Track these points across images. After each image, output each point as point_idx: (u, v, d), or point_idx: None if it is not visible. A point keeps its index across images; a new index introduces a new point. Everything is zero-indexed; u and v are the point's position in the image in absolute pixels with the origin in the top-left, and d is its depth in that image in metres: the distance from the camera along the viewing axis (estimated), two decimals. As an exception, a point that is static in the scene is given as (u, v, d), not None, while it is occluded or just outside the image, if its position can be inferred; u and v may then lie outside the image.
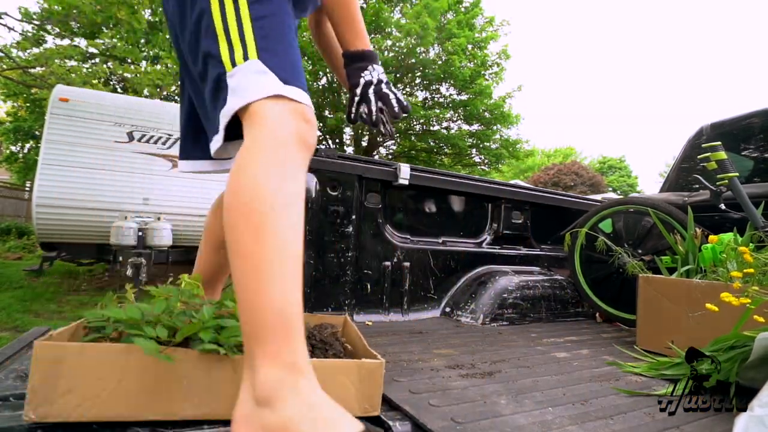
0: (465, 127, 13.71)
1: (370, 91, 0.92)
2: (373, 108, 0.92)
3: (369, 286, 1.83)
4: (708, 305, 1.12)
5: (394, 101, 0.92)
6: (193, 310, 0.80)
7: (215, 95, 0.74)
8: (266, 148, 0.65)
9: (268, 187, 0.63)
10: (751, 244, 1.22)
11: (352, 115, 0.95)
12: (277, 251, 0.61)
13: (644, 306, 1.42)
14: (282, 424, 0.53)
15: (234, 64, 0.71)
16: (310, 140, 0.72)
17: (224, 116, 0.72)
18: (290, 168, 0.66)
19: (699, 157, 1.91)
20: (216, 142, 0.76)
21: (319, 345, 0.86)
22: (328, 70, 12.57)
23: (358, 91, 0.93)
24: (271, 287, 0.59)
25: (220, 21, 0.73)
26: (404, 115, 0.93)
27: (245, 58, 0.71)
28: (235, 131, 0.74)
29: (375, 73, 0.92)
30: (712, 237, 1.24)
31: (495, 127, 13.42)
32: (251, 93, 0.69)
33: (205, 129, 0.85)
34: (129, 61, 10.46)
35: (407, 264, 1.91)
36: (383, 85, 0.93)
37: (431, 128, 13.68)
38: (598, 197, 3.59)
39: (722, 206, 1.74)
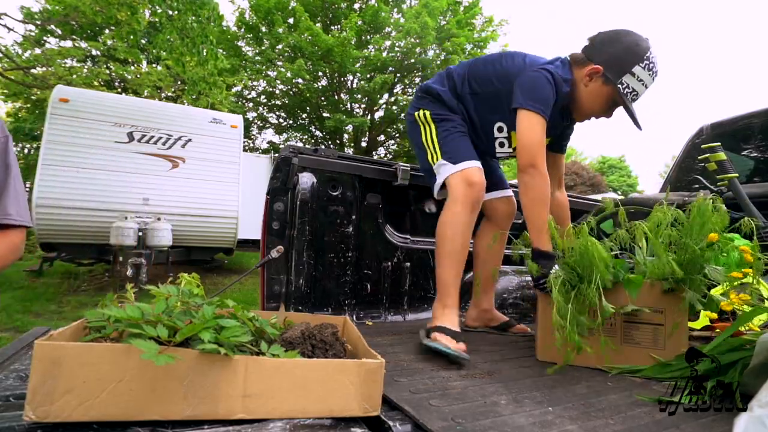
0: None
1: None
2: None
3: (369, 286, 1.83)
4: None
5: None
6: (193, 310, 0.80)
7: (432, 173, 1.56)
8: (450, 204, 1.43)
9: (448, 228, 1.41)
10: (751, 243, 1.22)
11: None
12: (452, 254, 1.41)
13: (542, 317, 1.28)
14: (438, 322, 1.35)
15: (434, 163, 1.53)
16: (472, 195, 1.42)
17: (437, 184, 1.53)
18: (459, 215, 1.40)
19: (699, 157, 1.91)
20: (436, 191, 1.56)
21: (320, 345, 0.86)
22: (327, 72, 12.59)
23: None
24: (446, 272, 1.40)
25: (424, 139, 1.57)
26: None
27: (437, 160, 1.52)
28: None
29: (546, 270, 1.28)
30: (711, 235, 1.24)
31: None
32: (443, 176, 1.49)
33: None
34: (129, 61, 10.47)
35: (407, 264, 1.91)
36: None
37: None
38: (598, 197, 3.59)
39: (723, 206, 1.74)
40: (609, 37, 1.42)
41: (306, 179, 1.64)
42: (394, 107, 13.07)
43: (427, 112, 1.58)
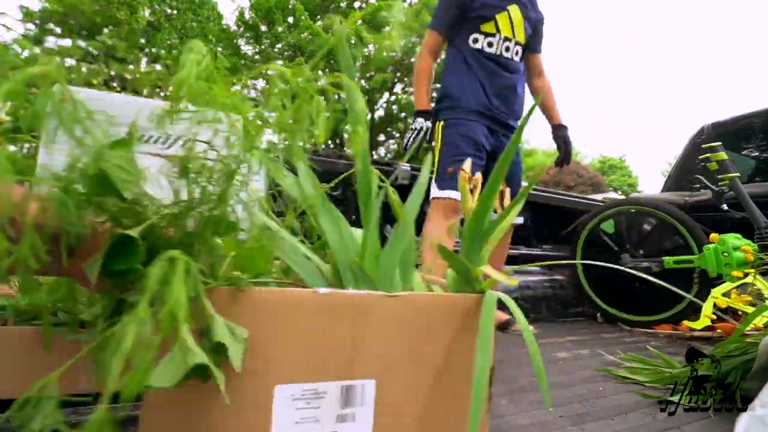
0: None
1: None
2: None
3: (369, 286, 1.82)
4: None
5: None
6: None
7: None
8: (428, 225, 1.60)
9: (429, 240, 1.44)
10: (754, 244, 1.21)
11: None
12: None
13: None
14: None
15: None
16: (450, 217, 1.55)
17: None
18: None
19: (700, 157, 1.91)
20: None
21: None
22: (327, 71, 12.58)
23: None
24: None
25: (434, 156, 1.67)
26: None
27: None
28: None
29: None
30: (713, 235, 1.24)
31: (495, 127, 13.40)
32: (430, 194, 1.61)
33: None
34: (128, 60, 10.47)
35: (407, 264, 1.90)
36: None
37: (431, 128, 13.65)
38: (599, 197, 3.59)
39: (724, 206, 1.73)
40: None
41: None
42: (394, 106, 13.06)
43: None
